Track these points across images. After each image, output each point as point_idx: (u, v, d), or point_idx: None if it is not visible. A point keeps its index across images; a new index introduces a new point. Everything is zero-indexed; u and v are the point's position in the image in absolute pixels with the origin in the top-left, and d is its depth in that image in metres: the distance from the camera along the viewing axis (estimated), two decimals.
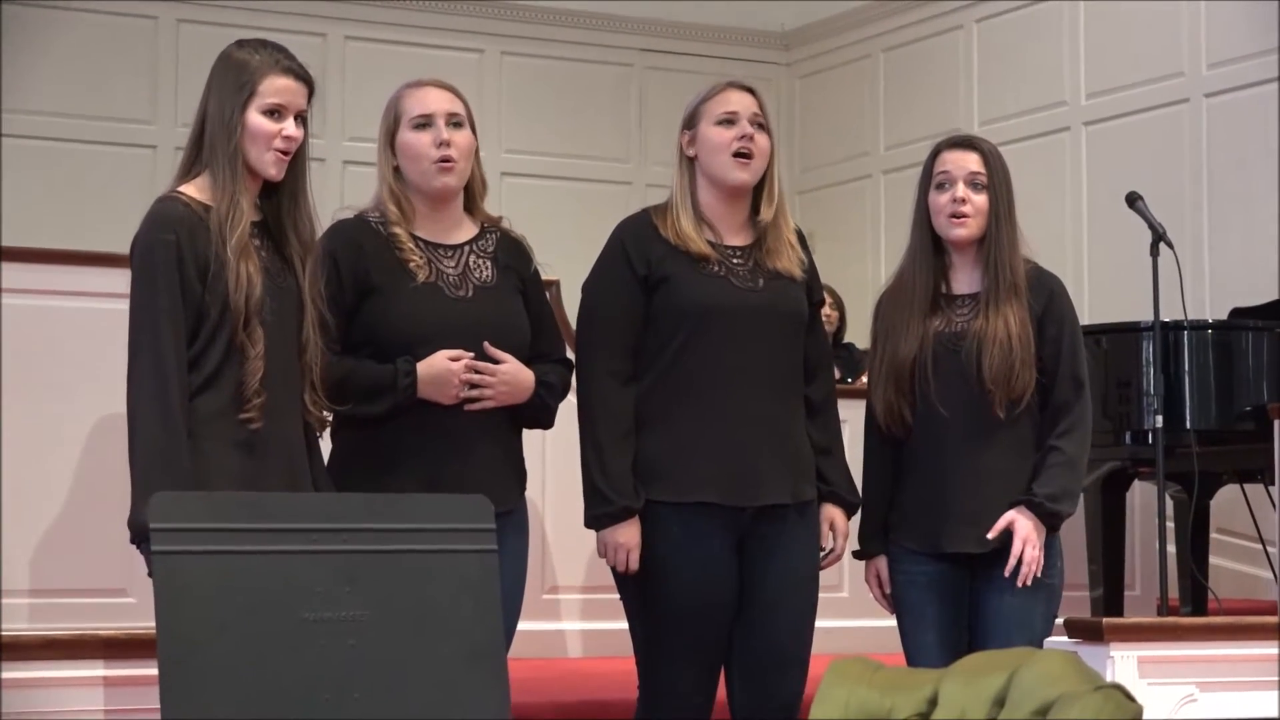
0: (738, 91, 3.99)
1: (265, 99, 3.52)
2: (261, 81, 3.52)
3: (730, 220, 3.99)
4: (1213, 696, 3.77)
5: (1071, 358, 4.03)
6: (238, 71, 3.54)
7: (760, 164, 3.95)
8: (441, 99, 3.87)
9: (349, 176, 9.33)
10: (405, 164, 3.85)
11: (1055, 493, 3.95)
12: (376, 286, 3.79)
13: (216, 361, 3.46)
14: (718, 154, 3.94)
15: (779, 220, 4.00)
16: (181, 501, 3.06)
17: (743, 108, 3.95)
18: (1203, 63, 8.40)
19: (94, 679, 3.26)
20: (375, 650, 2.97)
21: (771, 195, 3.99)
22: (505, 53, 10.41)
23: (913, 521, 4.04)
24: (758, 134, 3.94)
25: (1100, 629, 3.79)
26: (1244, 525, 6.99)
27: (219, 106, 3.52)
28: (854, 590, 5.90)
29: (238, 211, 3.48)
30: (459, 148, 3.84)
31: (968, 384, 3.97)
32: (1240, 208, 8.14)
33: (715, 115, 3.96)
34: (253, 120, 3.51)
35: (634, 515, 3.86)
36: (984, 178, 4.03)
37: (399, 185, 3.86)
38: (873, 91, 10.37)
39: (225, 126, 3.51)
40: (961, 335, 4.00)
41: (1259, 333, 6.23)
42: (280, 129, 3.52)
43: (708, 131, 3.95)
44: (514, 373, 3.82)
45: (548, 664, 5.52)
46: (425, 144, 3.82)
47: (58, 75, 9.33)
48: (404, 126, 3.85)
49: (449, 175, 3.84)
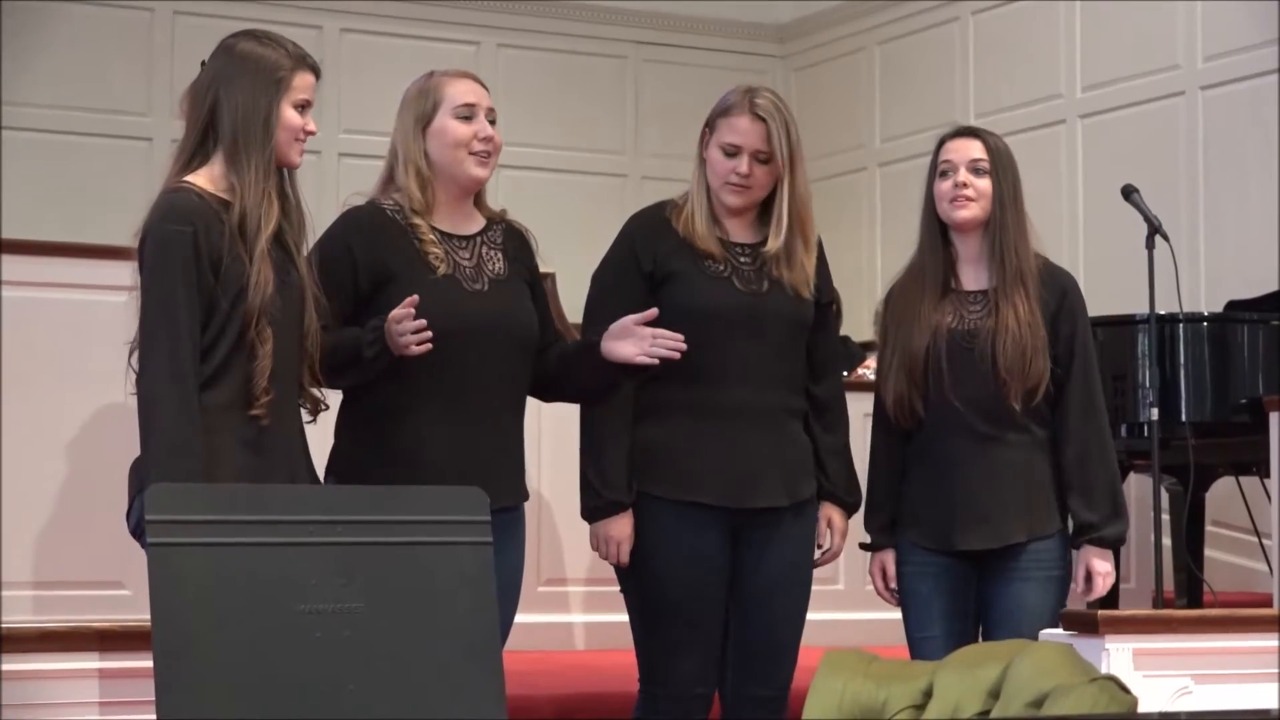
0: (750, 120, 3.92)
1: (297, 94, 3.56)
2: (295, 77, 3.55)
3: (742, 218, 4.00)
4: (1208, 689, 3.77)
5: (1084, 355, 4.05)
6: (267, 67, 3.54)
7: (758, 193, 3.95)
8: (482, 93, 3.90)
9: (344, 168, 9.32)
10: (440, 150, 3.84)
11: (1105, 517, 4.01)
12: (394, 276, 3.77)
13: (224, 355, 3.46)
14: (716, 179, 3.95)
15: (793, 237, 3.98)
16: (177, 493, 3.06)
17: (747, 142, 3.91)
18: (1198, 55, 8.40)
19: (89, 671, 3.26)
20: (370, 642, 2.97)
21: (780, 222, 3.96)
22: (501, 45, 10.41)
23: (923, 518, 4.04)
24: (756, 169, 3.92)
25: (1095, 621, 3.79)
26: (1239, 518, 6.99)
27: (250, 101, 3.51)
28: (849, 583, 5.91)
29: (272, 209, 3.49)
30: (495, 143, 3.87)
31: (982, 378, 3.98)
32: (1236, 200, 8.14)
33: (721, 140, 3.94)
34: (287, 114, 3.54)
35: (626, 509, 3.86)
36: (986, 163, 4.04)
37: (429, 172, 3.85)
38: (868, 84, 10.37)
39: (263, 123, 3.51)
40: (975, 333, 4.01)
41: (1254, 325, 6.23)
42: (306, 123, 3.56)
43: (712, 152, 3.96)
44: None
45: (547, 656, 5.52)
46: (468, 133, 3.82)
47: (54, 68, 9.32)
48: (444, 113, 3.84)
49: (484, 168, 3.86)
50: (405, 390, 3.75)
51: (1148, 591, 6.45)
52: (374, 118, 8.00)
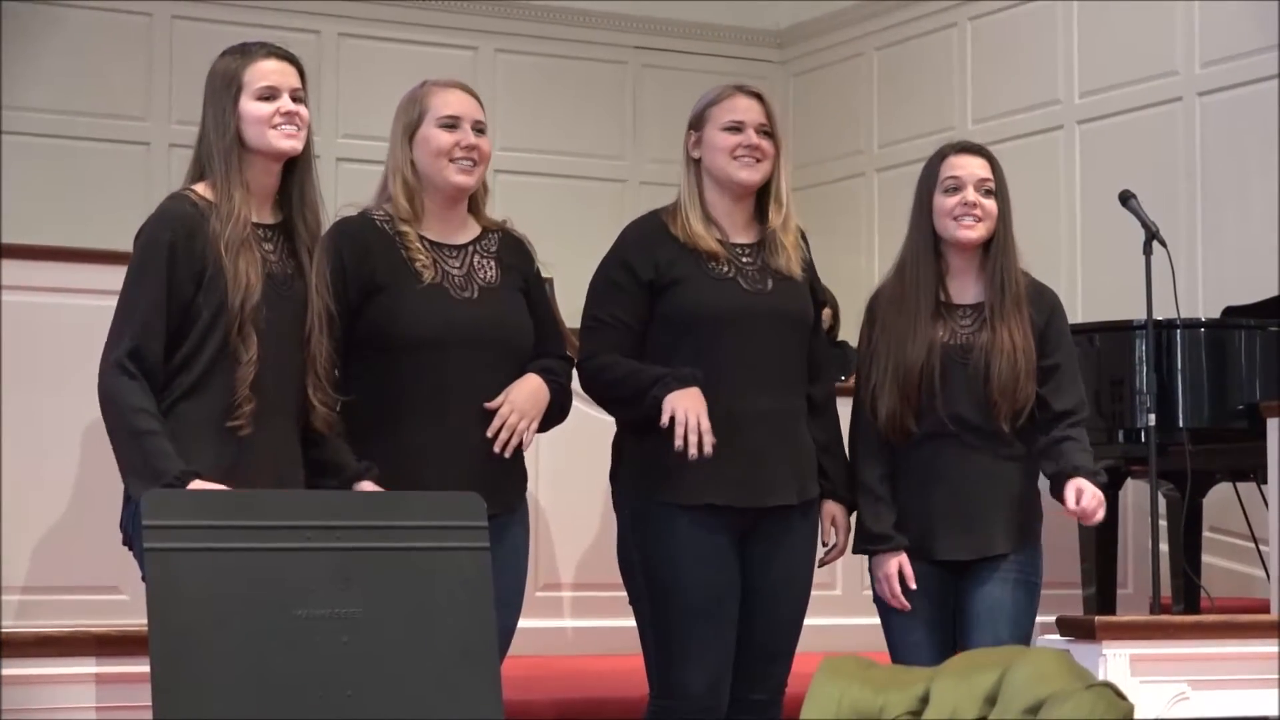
0: (745, 98, 3.99)
1: (255, 85, 3.56)
2: (245, 72, 3.57)
3: (736, 219, 4.01)
4: (1205, 695, 3.78)
5: (1072, 371, 4.07)
6: (221, 76, 3.59)
7: (767, 166, 3.96)
8: (469, 104, 3.89)
9: (343, 173, 9.31)
10: (423, 159, 3.85)
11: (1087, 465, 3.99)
12: (382, 286, 3.78)
13: (205, 365, 3.47)
14: (724, 157, 3.95)
15: (786, 223, 4.01)
16: (174, 499, 3.06)
17: (749, 117, 3.96)
18: (1196, 61, 8.40)
19: (86, 676, 3.26)
20: (368, 647, 2.98)
21: (780, 200, 4.00)
22: (499, 50, 10.41)
23: (905, 527, 4.03)
24: (763, 141, 3.95)
25: (1092, 627, 3.80)
26: (1237, 524, 6.99)
27: (214, 111, 3.57)
28: (846, 588, 5.91)
29: (230, 205, 3.50)
30: (481, 152, 3.86)
31: (973, 396, 3.98)
32: (1234, 206, 8.15)
33: (721, 121, 3.96)
34: (247, 107, 3.55)
35: (698, 385, 3.83)
36: (993, 184, 4.05)
37: (415, 180, 3.86)
38: (867, 90, 10.37)
39: (219, 124, 3.55)
40: (968, 348, 4.01)
41: (1252, 331, 6.23)
42: (277, 106, 3.55)
43: (713, 136, 3.96)
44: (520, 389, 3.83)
45: (544, 661, 5.52)
46: (449, 141, 3.83)
47: (52, 72, 9.32)
48: (428, 122, 3.85)
49: (468, 175, 3.85)
50: (396, 398, 3.75)
51: (1145, 597, 6.45)
52: (371, 123, 7.98)
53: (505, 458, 3.79)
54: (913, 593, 4.00)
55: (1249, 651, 3.83)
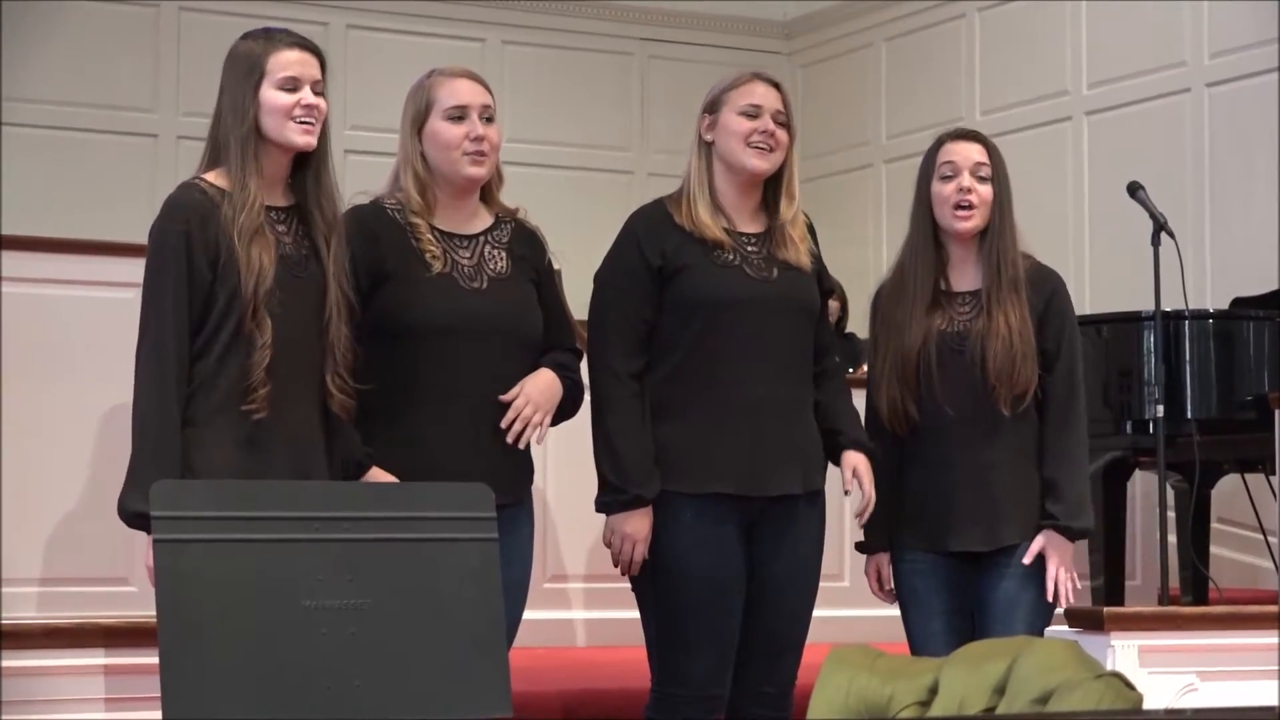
0: (764, 85, 3.98)
1: (277, 74, 3.55)
2: (268, 60, 3.55)
3: (744, 207, 4.00)
4: (1213, 686, 3.77)
5: (1070, 356, 4.06)
6: (243, 60, 3.56)
7: (779, 156, 3.95)
8: (476, 92, 3.87)
9: (351, 165, 9.31)
10: (434, 152, 3.84)
11: (1072, 508, 3.99)
12: (391, 275, 3.77)
13: (222, 348, 3.48)
14: (738, 142, 3.93)
15: (795, 216, 4.00)
16: (182, 490, 3.06)
17: (767, 103, 3.95)
18: (1204, 52, 8.39)
19: (95, 667, 3.26)
20: (376, 638, 2.97)
21: (791, 194, 3.98)
22: (506, 41, 10.40)
23: (916, 521, 4.04)
24: (779, 130, 3.94)
25: (1101, 618, 3.79)
26: (1245, 515, 6.99)
27: (232, 96, 3.55)
28: (855, 579, 5.89)
29: (245, 193, 3.49)
30: (491, 142, 3.85)
31: (972, 382, 3.98)
32: (1242, 197, 8.14)
33: (739, 105, 3.95)
34: (268, 96, 3.54)
35: (646, 505, 3.85)
36: (989, 169, 4.04)
37: (426, 173, 3.85)
38: (874, 81, 10.36)
39: (238, 111, 3.53)
40: (965, 334, 4.01)
41: (1260, 322, 6.23)
42: (299, 98, 3.54)
43: (729, 119, 3.95)
44: (535, 382, 3.82)
45: (551, 653, 5.52)
46: (458, 135, 3.82)
47: (59, 63, 9.32)
48: (436, 115, 3.84)
49: (479, 167, 3.84)
50: (403, 387, 3.75)
51: (1153, 588, 6.45)
52: (379, 114, 8.00)
53: (514, 449, 3.79)
54: (928, 585, 4.00)
55: (1257, 642, 3.82)
